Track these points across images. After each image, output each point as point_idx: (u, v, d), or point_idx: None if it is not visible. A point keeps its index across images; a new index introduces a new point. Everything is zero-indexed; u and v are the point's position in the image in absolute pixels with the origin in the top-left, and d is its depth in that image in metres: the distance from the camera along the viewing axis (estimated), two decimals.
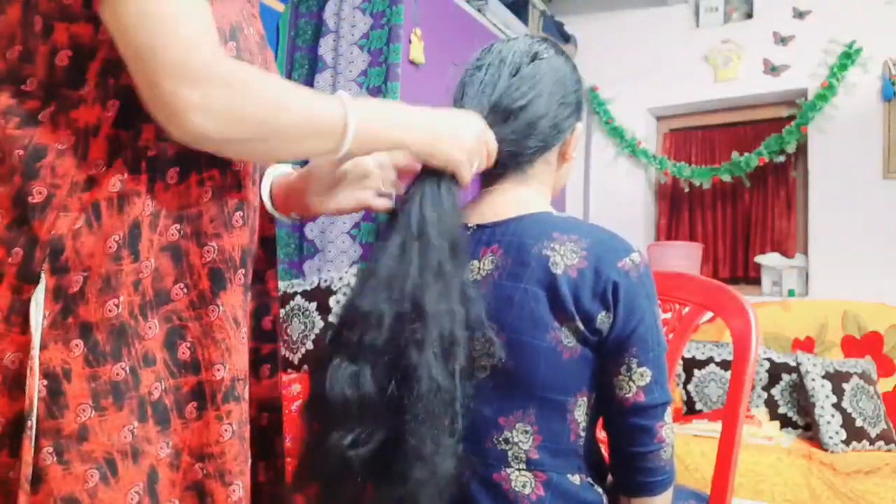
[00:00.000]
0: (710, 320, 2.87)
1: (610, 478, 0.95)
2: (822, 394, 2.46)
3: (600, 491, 0.90)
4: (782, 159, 3.26)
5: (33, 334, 0.65)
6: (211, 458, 0.74)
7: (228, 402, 0.74)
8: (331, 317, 2.24)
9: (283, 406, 0.92)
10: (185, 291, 0.73)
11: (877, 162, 3.06)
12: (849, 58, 3.09)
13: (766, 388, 2.65)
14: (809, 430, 2.53)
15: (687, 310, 1.35)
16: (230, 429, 0.74)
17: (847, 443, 2.39)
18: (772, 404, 2.63)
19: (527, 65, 0.91)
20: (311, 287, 2.34)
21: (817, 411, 2.44)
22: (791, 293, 3.20)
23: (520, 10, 3.36)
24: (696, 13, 3.55)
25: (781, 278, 3.26)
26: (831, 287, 3.08)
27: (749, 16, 3.44)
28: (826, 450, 2.38)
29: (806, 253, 3.25)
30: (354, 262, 2.55)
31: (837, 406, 2.44)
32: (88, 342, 0.67)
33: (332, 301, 2.27)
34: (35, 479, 0.64)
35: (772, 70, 3.32)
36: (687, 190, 3.56)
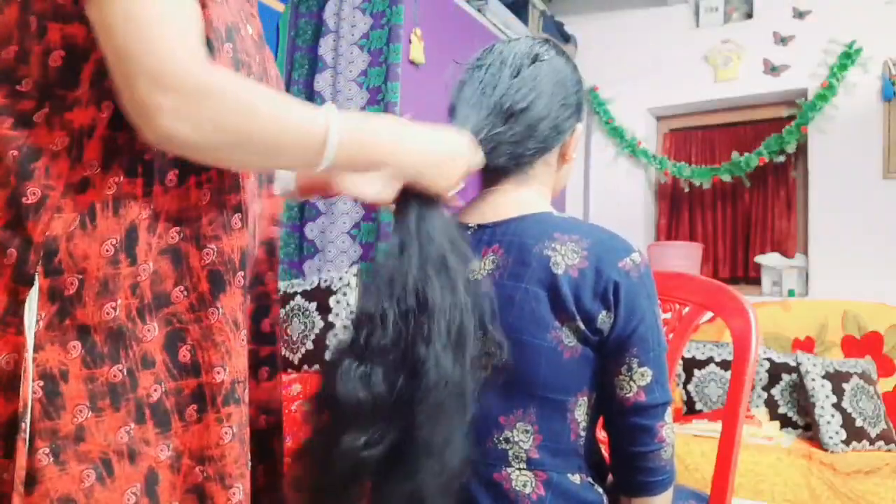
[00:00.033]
0: (710, 320, 2.87)
1: (610, 477, 0.95)
2: (822, 394, 2.46)
3: (600, 491, 0.90)
4: (782, 159, 3.26)
5: (26, 336, 0.65)
6: (211, 461, 0.74)
7: (228, 404, 0.74)
8: (335, 318, 2.24)
9: (282, 408, 0.92)
10: (185, 294, 0.73)
11: (877, 162, 3.06)
12: (849, 58, 3.09)
13: (766, 388, 2.66)
14: (809, 430, 2.53)
15: (687, 310, 1.35)
16: (230, 431, 0.74)
17: (847, 443, 2.39)
18: (772, 404, 2.63)
19: (528, 66, 0.91)
20: (311, 287, 2.34)
21: (817, 411, 2.44)
22: (791, 293, 3.20)
23: (520, 10, 3.36)
24: (696, 13, 3.56)
25: (781, 278, 3.26)
26: (831, 287, 3.08)
27: (749, 16, 3.44)
28: (826, 450, 2.38)
29: (806, 253, 3.26)
30: (354, 262, 2.56)
31: (837, 406, 2.44)
32: (86, 344, 0.67)
33: (332, 301, 2.27)
34: (30, 479, 0.64)
35: (772, 70, 3.32)
36: (687, 190, 3.56)
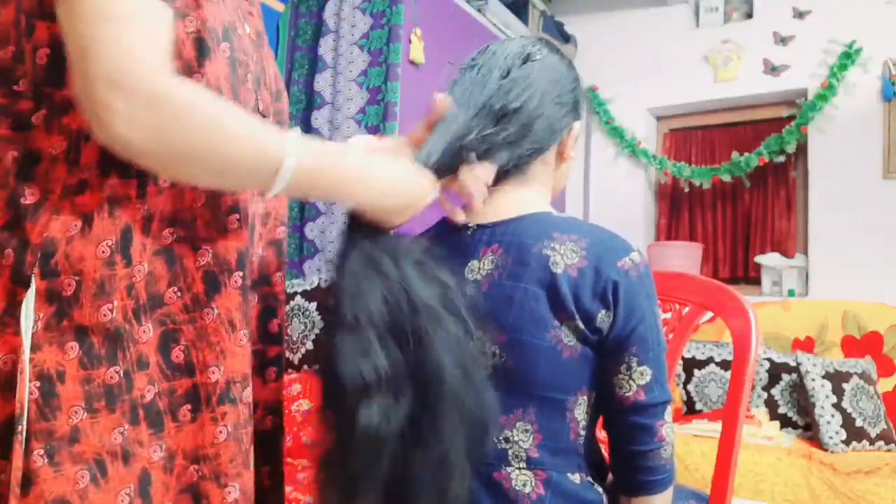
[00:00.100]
0: (710, 320, 2.87)
1: (610, 477, 0.95)
2: (822, 394, 2.46)
3: (600, 490, 0.90)
4: (782, 159, 3.26)
5: (23, 337, 0.65)
6: (206, 460, 0.74)
7: (223, 404, 0.74)
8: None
9: (284, 408, 0.92)
10: (179, 295, 0.73)
11: (877, 162, 3.06)
12: (849, 58, 3.09)
13: (766, 388, 2.66)
14: (809, 430, 2.53)
15: (687, 310, 1.35)
16: (225, 431, 0.74)
17: (847, 443, 2.39)
18: (772, 404, 2.63)
19: (518, 67, 0.90)
20: (311, 287, 2.34)
21: (817, 411, 2.44)
22: (791, 293, 3.20)
23: (520, 10, 3.36)
24: (696, 13, 3.56)
25: (781, 278, 3.26)
26: (831, 287, 3.08)
27: (749, 16, 3.44)
28: (826, 450, 2.38)
29: (806, 253, 3.26)
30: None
31: (837, 406, 2.44)
32: (84, 345, 0.67)
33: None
34: (26, 481, 0.63)
35: (772, 70, 3.32)
36: (687, 190, 3.56)
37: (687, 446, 2.38)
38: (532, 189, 0.95)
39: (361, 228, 0.79)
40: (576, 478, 0.88)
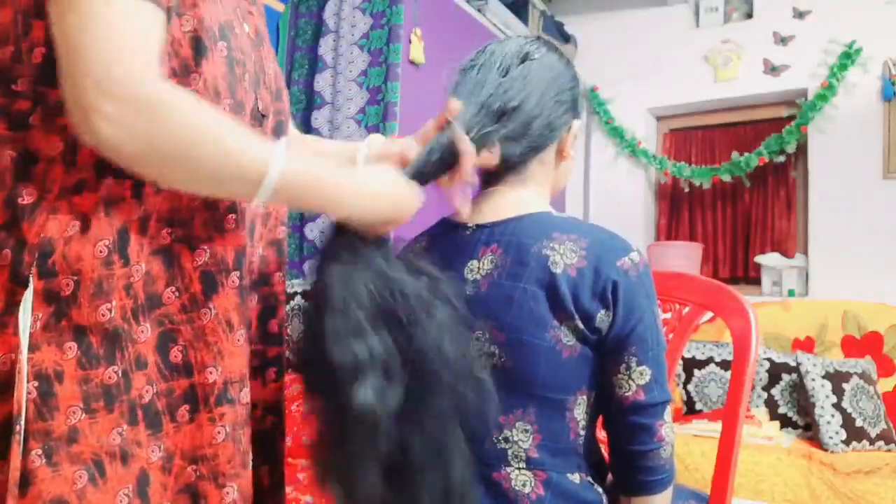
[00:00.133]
0: (710, 320, 2.87)
1: (610, 477, 0.95)
2: (822, 394, 2.46)
3: (600, 490, 0.90)
4: (782, 159, 3.26)
5: (21, 338, 0.65)
6: (204, 461, 0.74)
7: (221, 404, 0.74)
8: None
9: (285, 408, 0.92)
10: (177, 295, 0.73)
11: (877, 162, 3.06)
12: (849, 58, 3.09)
13: (766, 388, 2.65)
14: (809, 430, 2.53)
15: (687, 310, 1.35)
16: (223, 431, 0.74)
17: (847, 443, 2.39)
18: (772, 404, 2.63)
19: (516, 66, 0.91)
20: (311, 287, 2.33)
21: (817, 411, 2.44)
22: (791, 293, 3.20)
23: (520, 10, 3.36)
24: (696, 13, 3.56)
25: (781, 278, 3.26)
26: (831, 287, 3.08)
27: (749, 16, 3.44)
28: (826, 450, 2.38)
29: (806, 253, 3.25)
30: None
31: (837, 406, 2.44)
32: (82, 345, 0.67)
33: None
34: (23, 481, 0.63)
35: (772, 70, 3.32)
36: (687, 190, 3.56)
37: (687, 446, 2.38)
38: (531, 189, 0.95)
39: (347, 234, 0.79)
40: (575, 478, 0.88)
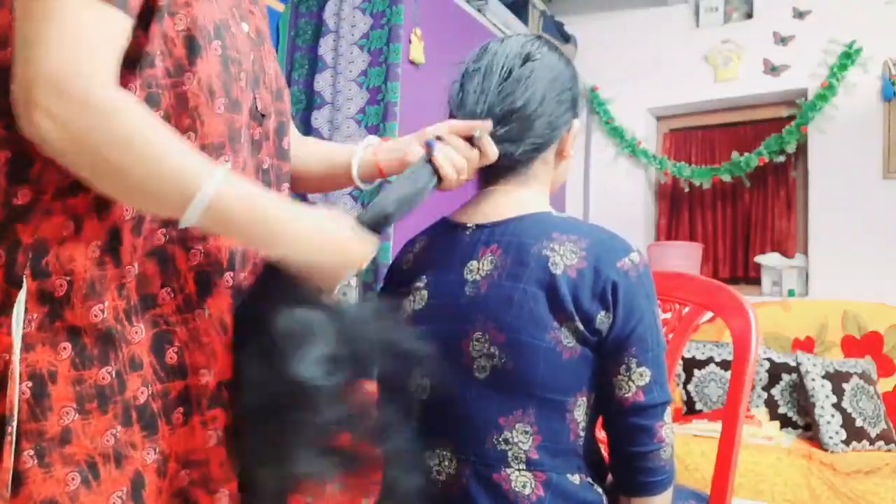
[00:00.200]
0: (710, 320, 2.87)
1: (610, 477, 0.95)
2: (822, 394, 2.46)
3: (600, 491, 0.90)
4: (782, 159, 3.26)
5: (14, 338, 0.64)
6: (196, 465, 0.73)
7: (214, 407, 0.74)
8: None
9: None
10: (172, 296, 0.73)
11: (877, 162, 3.06)
12: (849, 58, 3.09)
13: (766, 388, 2.65)
14: (809, 430, 2.53)
15: (687, 310, 1.35)
16: (215, 435, 0.74)
17: (847, 443, 2.39)
18: (772, 404, 2.63)
19: (518, 67, 0.91)
20: None
21: (817, 411, 2.44)
22: (791, 293, 3.20)
23: (520, 10, 3.36)
24: (696, 13, 3.55)
25: (781, 278, 3.26)
26: (831, 287, 3.08)
27: (749, 16, 3.44)
28: (826, 450, 2.38)
29: (806, 253, 3.25)
30: None
31: (837, 406, 2.44)
32: (76, 346, 0.67)
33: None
34: (15, 482, 0.63)
35: (772, 70, 3.32)
36: (687, 190, 3.56)
37: (687, 446, 2.38)
38: (532, 189, 0.95)
39: (281, 277, 0.73)
40: (575, 479, 0.88)
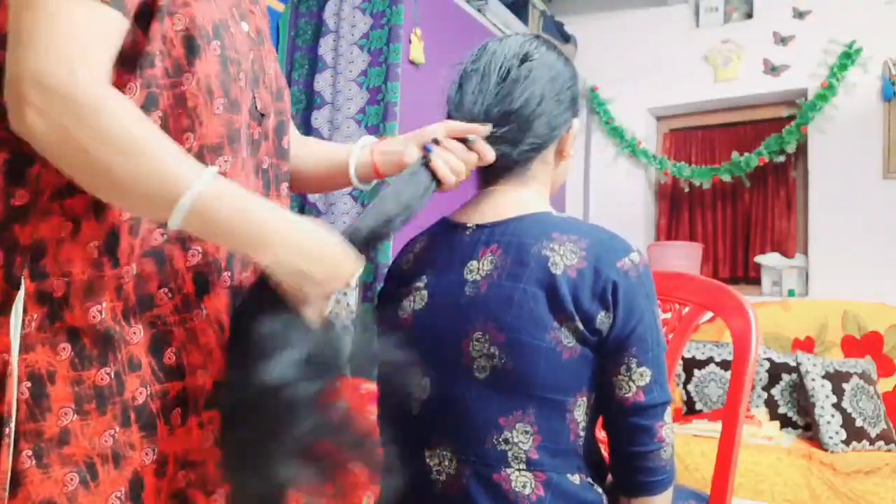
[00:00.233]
0: (710, 320, 2.87)
1: (610, 477, 0.95)
2: (822, 394, 2.46)
3: (600, 491, 0.90)
4: (782, 159, 3.26)
5: (11, 339, 0.65)
6: (193, 466, 0.73)
7: (210, 408, 0.74)
8: (334, 319, 2.23)
9: None
10: (170, 296, 0.72)
11: (877, 162, 3.06)
12: (849, 58, 3.09)
13: (766, 388, 2.65)
14: (809, 430, 2.53)
15: (687, 310, 1.35)
16: (212, 436, 0.74)
17: (847, 443, 2.39)
18: (772, 404, 2.63)
19: (516, 67, 0.91)
20: None
21: (817, 411, 2.44)
22: (791, 293, 3.20)
23: (520, 10, 3.36)
24: (696, 13, 3.55)
25: (781, 278, 3.26)
26: (831, 287, 3.08)
27: (749, 16, 3.44)
28: (826, 450, 2.38)
29: (806, 253, 3.25)
30: None
31: (837, 406, 2.44)
32: (76, 346, 0.67)
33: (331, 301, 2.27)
34: (13, 482, 0.63)
35: (772, 70, 3.31)
36: (687, 190, 3.56)
37: (687, 446, 2.38)
38: (532, 189, 0.95)
39: (269, 290, 0.72)
40: (575, 479, 0.88)
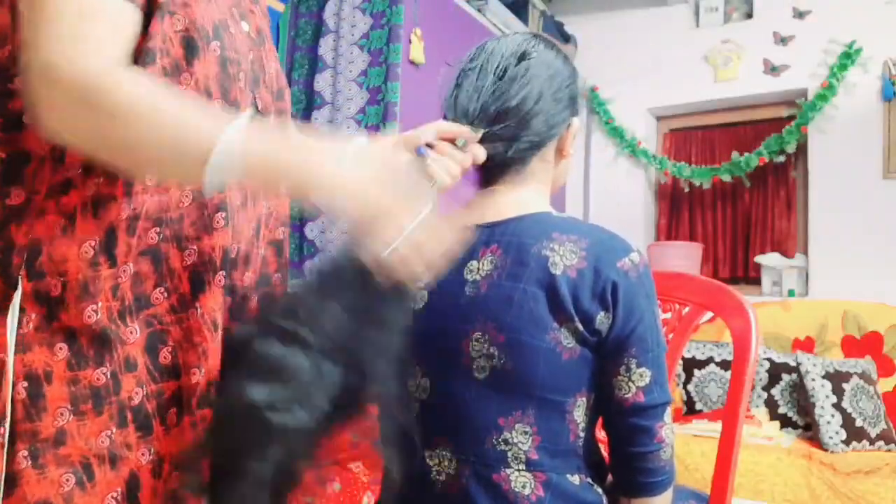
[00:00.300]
0: (710, 320, 2.87)
1: (610, 478, 0.95)
2: (822, 394, 2.46)
3: (600, 491, 0.90)
4: (782, 159, 3.26)
5: (8, 339, 0.65)
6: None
7: (203, 407, 0.73)
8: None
9: None
10: (166, 295, 0.72)
11: (877, 162, 3.06)
12: (849, 58, 3.09)
13: (766, 388, 2.65)
14: (809, 430, 2.53)
15: (687, 310, 1.35)
16: (204, 436, 0.74)
17: (847, 443, 2.39)
18: (772, 404, 2.63)
19: (514, 66, 0.90)
20: None
21: (817, 411, 2.44)
22: (791, 293, 3.20)
23: (520, 10, 3.36)
24: (696, 13, 3.55)
25: (781, 278, 3.26)
26: (831, 287, 3.08)
27: (749, 16, 3.44)
28: (826, 450, 2.38)
29: (806, 253, 3.25)
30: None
31: (837, 406, 2.44)
32: (73, 346, 0.67)
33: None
34: (9, 482, 0.63)
35: (772, 70, 3.31)
36: (687, 190, 3.56)
37: (687, 446, 2.38)
38: (531, 188, 0.95)
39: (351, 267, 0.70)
40: (575, 479, 0.88)
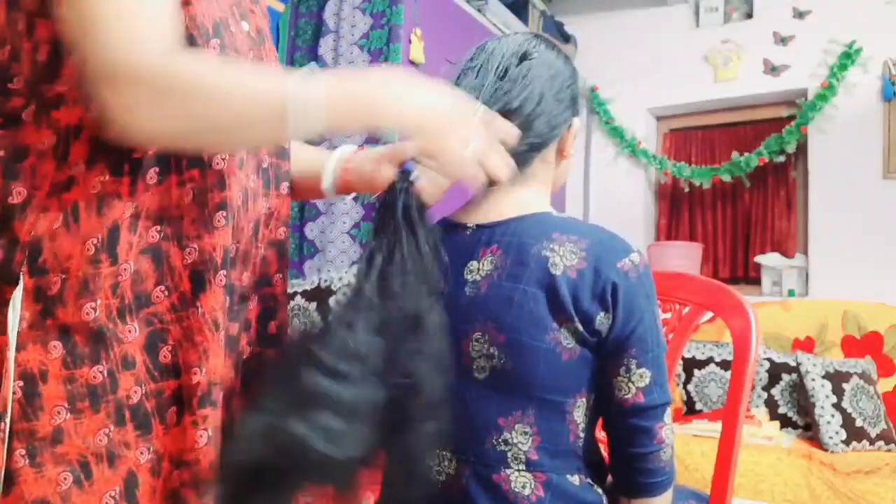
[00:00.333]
0: (710, 320, 2.87)
1: (610, 478, 0.95)
2: (822, 394, 2.46)
3: (600, 491, 0.90)
4: (782, 159, 3.26)
5: (9, 336, 0.64)
6: (186, 466, 0.73)
7: (204, 406, 0.73)
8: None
9: None
10: (167, 294, 0.72)
11: (877, 162, 3.06)
12: (849, 58, 3.09)
13: (766, 388, 2.65)
14: (809, 430, 2.53)
15: (687, 310, 1.35)
16: (205, 435, 0.73)
17: (847, 443, 2.39)
18: (772, 404, 2.63)
19: (515, 66, 0.90)
20: (311, 287, 2.34)
21: (817, 411, 2.44)
22: (791, 293, 3.20)
23: (520, 10, 3.36)
24: (696, 13, 3.55)
25: (781, 278, 3.26)
26: (831, 287, 3.08)
27: (749, 16, 3.44)
28: (826, 450, 2.38)
29: (806, 253, 3.25)
30: (354, 263, 2.55)
31: (837, 406, 2.44)
32: (67, 344, 0.66)
33: (332, 301, 2.27)
34: (6, 481, 0.63)
35: (772, 70, 3.31)
36: (687, 190, 3.56)
37: (687, 446, 2.38)
38: (532, 188, 0.95)
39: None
40: (575, 479, 0.88)
